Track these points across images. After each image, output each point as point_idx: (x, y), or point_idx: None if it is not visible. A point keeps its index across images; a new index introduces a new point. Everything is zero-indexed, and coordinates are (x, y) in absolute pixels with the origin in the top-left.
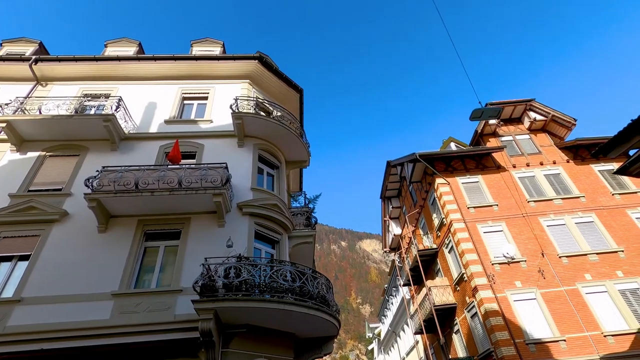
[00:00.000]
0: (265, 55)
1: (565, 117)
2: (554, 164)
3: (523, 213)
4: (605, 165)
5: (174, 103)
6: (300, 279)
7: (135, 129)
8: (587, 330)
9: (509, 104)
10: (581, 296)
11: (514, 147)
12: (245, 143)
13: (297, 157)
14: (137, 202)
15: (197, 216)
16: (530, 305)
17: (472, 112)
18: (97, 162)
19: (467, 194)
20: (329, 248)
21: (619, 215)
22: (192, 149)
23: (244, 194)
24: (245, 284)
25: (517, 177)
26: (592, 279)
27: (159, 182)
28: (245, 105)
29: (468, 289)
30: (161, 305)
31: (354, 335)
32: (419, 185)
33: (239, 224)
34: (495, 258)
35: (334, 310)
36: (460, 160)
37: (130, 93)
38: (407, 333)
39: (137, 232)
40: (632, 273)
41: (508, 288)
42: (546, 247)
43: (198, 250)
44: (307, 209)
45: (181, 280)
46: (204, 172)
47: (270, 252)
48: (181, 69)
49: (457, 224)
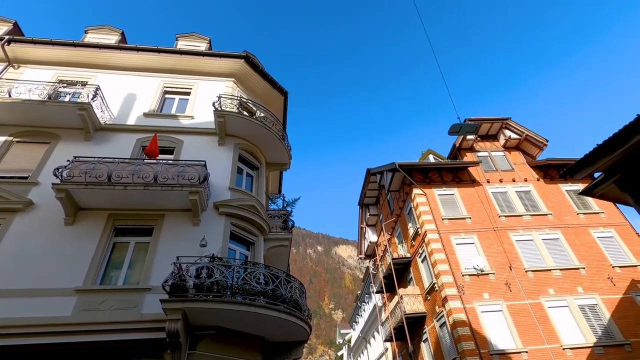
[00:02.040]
0: (252, 55)
1: (538, 138)
2: (525, 182)
3: (494, 227)
4: (572, 185)
5: (154, 96)
6: (274, 282)
7: (112, 120)
8: (548, 343)
9: (486, 121)
10: (544, 310)
11: (489, 163)
12: (226, 142)
13: (278, 159)
14: (108, 195)
15: (172, 213)
16: (496, 316)
17: (451, 126)
18: (69, 151)
19: (443, 206)
20: (305, 252)
21: (582, 234)
22: (170, 145)
23: (222, 193)
24: (217, 285)
25: (490, 192)
26: (555, 293)
27: (134, 176)
28: (229, 104)
29: (438, 298)
30: (127, 304)
31: (324, 340)
32: (397, 194)
33: (215, 223)
34: (465, 269)
35: (306, 315)
36: (437, 172)
37: (109, 82)
38: (377, 340)
39: (107, 226)
40: (591, 289)
41: (476, 299)
42: (514, 261)
43: (170, 249)
44: (284, 211)
45: (150, 278)
46: (182, 168)
47: (244, 254)
48: (165, 62)
49: (431, 235)
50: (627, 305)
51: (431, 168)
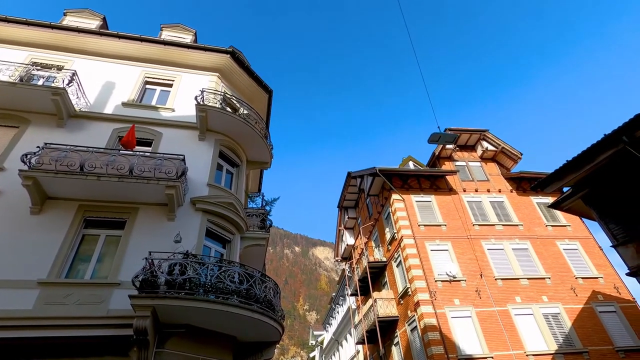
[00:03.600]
0: (239, 51)
1: (513, 151)
2: (499, 192)
3: (468, 235)
4: (542, 198)
5: (135, 86)
6: (248, 282)
7: (88, 107)
8: (513, 349)
9: (465, 131)
10: (510, 317)
11: (466, 173)
12: (207, 137)
13: (260, 157)
14: (80, 185)
15: (146, 207)
16: (465, 322)
17: (431, 135)
18: (39, 137)
19: (420, 212)
20: (282, 252)
21: (550, 245)
22: (149, 136)
23: (200, 189)
24: (190, 283)
25: (466, 201)
26: (522, 301)
27: (108, 166)
28: (212, 99)
29: (411, 303)
30: (94, 298)
31: (297, 341)
32: (376, 198)
33: (191, 219)
34: (438, 275)
35: (279, 315)
36: (416, 179)
37: (86, 69)
38: (350, 342)
39: (77, 217)
40: (555, 299)
41: (447, 305)
42: (485, 269)
43: (143, 243)
44: (263, 210)
45: (120, 273)
46: (159, 161)
47: (220, 252)
48: (147, 52)
49: (407, 240)
50: (587, 315)
51: (410, 174)
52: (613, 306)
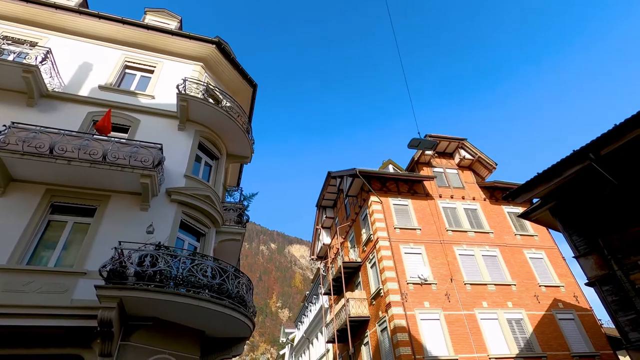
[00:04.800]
0: (225, 42)
1: (489, 160)
2: (473, 200)
3: (441, 240)
4: (513, 208)
5: (113, 69)
6: (221, 277)
7: (61, 87)
8: (477, 352)
9: (444, 139)
10: (477, 321)
11: (443, 179)
12: (186, 127)
13: (240, 152)
14: (48, 168)
15: (119, 195)
16: (434, 325)
17: (411, 140)
18: (6, 116)
19: (396, 215)
20: (258, 248)
21: (517, 254)
22: (125, 123)
23: (176, 179)
24: (160, 275)
25: (441, 207)
26: (488, 306)
27: (80, 151)
28: (194, 89)
29: (383, 304)
30: (57, 287)
31: (268, 338)
32: (354, 199)
33: (165, 210)
34: (410, 278)
35: (251, 312)
36: (395, 182)
37: (62, 47)
38: (320, 341)
39: (43, 202)
40: (519, 305)
41: (417, 307)
42: (455, 274)
43: (113, 233)
44: (240, 205)
45: (87, 262)
46: (135, 149)
47: (194, 245)
48: (129, 36)
49: (382, 242)
50: (547, 322)
51: (389, 178)
52: (572, 314)
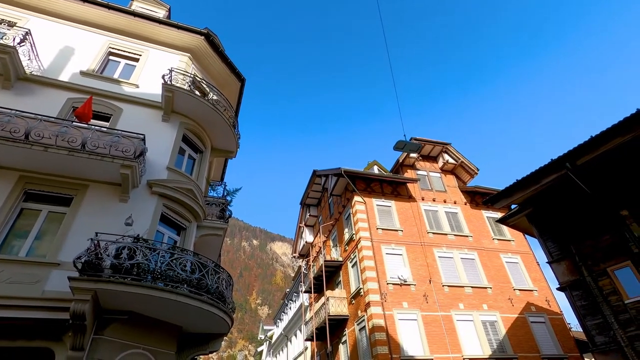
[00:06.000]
0: (214, 34)
1: (471, 166)
2: (454, 204)
3: (422, 242)
4: (492, 213)
5: (97, 55)
6: (201, 271)
7: (40, 71)
8: (452, 352)
9: (429, 142)
10: (453, 322)
11: (426, 182)
12: (171, 119)
13: (225, 146)
14: (23, 154)
15: (97, 185)
16: (411, 325)
17: (396, 142)
18: None
19: (379, 216)
20: (239, 244)
21: (494, 257)
22: (107, 111)
23: (158, 171)
24: (138, 268)
25: (423, 209)
26: (464, 308)
27: (58, 137)
28: (180, 80)
29: (362, 303)
30: (28, 278)
31: (246, 335)
32: (338, 198)
33: (145, 202)
34: (390, 278)
35: (230, 308)
36: (379, 183)
37: (43, 29)
38: (299, 339)
39: (16, 189)
40: (494, 307)
41: (396, 307)
42: (434, 275)
43: (90, 223)
44: (223, 200)
45: (61, 253)
46: (117, 138)
47: (174, 238)
48: (114, 21)
49: (365, 242)
50: (520, 324)
51: (374, 178)
52: (543, 317)
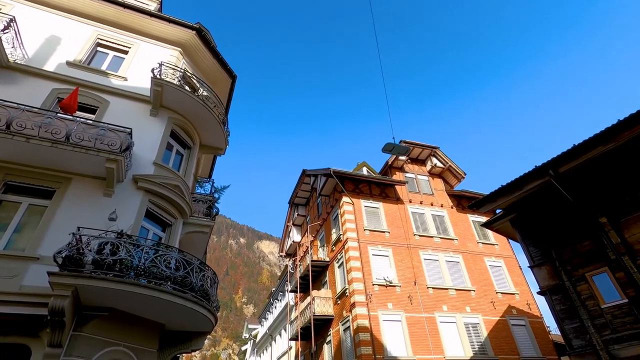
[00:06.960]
0: (206, 29)
1: (458, 170)
2: (441, 207)
3: (408, 244)
4: (477, 217)
5: (84, 46)
6: (185, 269)
7: (25, 60)
8: (434, 353)
9: (418, 145)
10: (436, 324)
11: (414, 185)
12: (159, 113)
13: (214, 143)
14: (4, 145)
15: (81, 179)
16: (395, 326)
17: (385, 144)
18: None
19: (367, 217)
20: (226, 242)
21: (478, 261)
22: (94, 103)
23: (145, 166)
24: (121, 264)
25: (410, 212)
26: (448, 310)
27: (41, 129)
28: (170, 74)
29: (347, 303)
30: (5, 272)
31: (231, 334)
32: (327, 199)
33: (130, 197)
34: (376, 279)
35: (214, 306)
36: (368, 185)
37: (28, 17)
38: (283, 338)
39: None
40: (477, 310)
41: (381, 308)
42: (419, 277)
43: (72, 217)
44: (211, 197)
45: (41, 247)
46: (102, 131)
47: (159, 235)
48: (103, 12)
49: (351, 243)
50: (501, 327)
51: (363, 180)
52: (524, 320)
